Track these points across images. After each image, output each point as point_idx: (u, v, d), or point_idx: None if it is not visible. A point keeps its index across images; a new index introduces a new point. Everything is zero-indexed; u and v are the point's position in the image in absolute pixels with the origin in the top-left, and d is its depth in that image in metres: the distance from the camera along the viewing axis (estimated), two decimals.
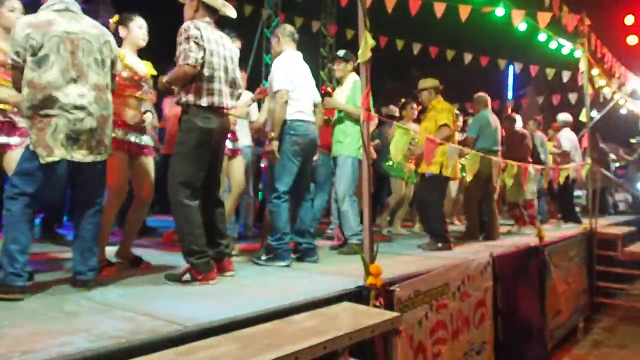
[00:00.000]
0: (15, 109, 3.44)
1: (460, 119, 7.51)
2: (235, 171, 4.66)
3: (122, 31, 3.75)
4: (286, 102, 3.91)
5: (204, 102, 3.16)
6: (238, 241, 5.09)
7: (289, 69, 4.01)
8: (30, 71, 2.63)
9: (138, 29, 3.73)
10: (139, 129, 3.66)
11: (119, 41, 3.67)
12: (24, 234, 2.61)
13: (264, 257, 3.84)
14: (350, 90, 4.77)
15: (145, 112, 3.70)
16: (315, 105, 4.26)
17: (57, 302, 2.50)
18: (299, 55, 4.22)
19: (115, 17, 3.80)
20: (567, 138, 8.43)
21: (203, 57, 3.12)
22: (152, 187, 3.76)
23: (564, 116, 8.65)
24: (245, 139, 5.25)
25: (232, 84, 3.39)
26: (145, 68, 3.78)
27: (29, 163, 2.65)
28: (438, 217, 5.07)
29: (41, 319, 2.21)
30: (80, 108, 2.70)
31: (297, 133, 3.95)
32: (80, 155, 2.75)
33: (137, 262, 3.69)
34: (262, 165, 6.52)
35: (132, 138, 3.60)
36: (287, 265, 3.78)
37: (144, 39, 3.77)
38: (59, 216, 5.63)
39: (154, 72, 3.83)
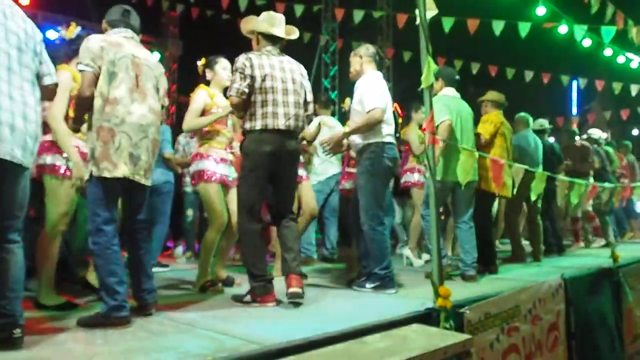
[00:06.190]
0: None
1: None
2: (305, 194, 4.69)
3: (208, 74, 3.97)
4: (380, 121, 3.69)
5: (258, 125, 3.22)
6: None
7: (382, 89, 3.81)
8: (103, 83, 2.66)
9: (222, 70, 3.93)
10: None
11: (206, 83, 3.96)
12: (119, 264, 2.63)
13: (369, 285, 3.68)
14: None
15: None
16: None
17: (143, 321, 2.67)
18: (382, 76, 3.99)
19: (203, 60, 4.04)
20: None
21: (250, 85, 3.21)
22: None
23: None
24: (331, 168, 5.50)
25: (297, 105, 3.35)
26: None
27: (97, 188, 2.63)
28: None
29: (131, 338, 2.38)
30: (142, 129, 2.74)
31: (389, 156, 3.75)
32: (138, 177, 2.75)
33: (231, 281, 3.95)
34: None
35: (225, 171, 3.83)
36: (395, 292, 3.64)
37: (229, 79, 3.88)
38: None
39: None
